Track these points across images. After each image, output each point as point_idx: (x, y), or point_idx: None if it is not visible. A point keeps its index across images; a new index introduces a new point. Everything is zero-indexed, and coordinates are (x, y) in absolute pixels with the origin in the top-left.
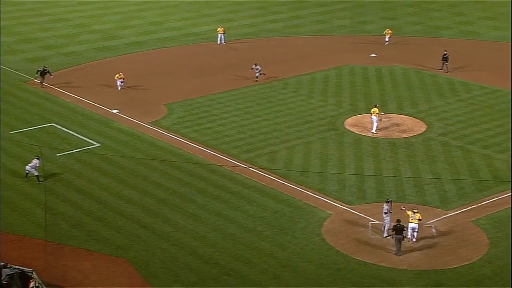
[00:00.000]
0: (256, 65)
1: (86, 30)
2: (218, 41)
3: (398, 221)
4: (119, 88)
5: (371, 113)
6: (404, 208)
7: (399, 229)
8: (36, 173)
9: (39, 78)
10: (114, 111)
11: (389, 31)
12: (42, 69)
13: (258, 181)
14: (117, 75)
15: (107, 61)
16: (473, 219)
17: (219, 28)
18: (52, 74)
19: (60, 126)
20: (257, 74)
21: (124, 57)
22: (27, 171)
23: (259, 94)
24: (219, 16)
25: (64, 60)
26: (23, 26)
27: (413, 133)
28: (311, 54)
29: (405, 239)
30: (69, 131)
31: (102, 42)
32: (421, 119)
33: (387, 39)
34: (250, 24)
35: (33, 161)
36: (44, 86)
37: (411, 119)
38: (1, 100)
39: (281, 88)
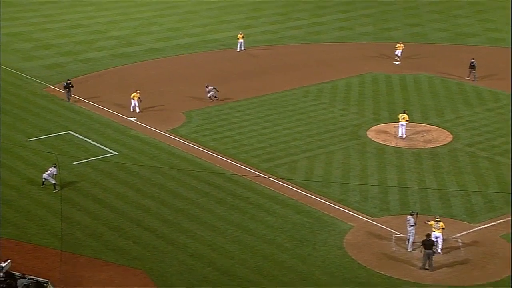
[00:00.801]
0: (208, 87)
1: (104, 36)
2: (238, 48)
3: (428, 235)
4: (132, 110)
5: (398, 118)
6: (428, 222)
7: (429, 244)
8: (53, 182)
9: (66, 93)
10: (132, 119)
11: (401, 45)
12: (66, 83)
13: (278, 192)
14: (134, 93)
15: (124, 68)
16: (502, 234)
17: (238, 35)
18: (73, 86)
19: (77, 133)
20: (209, 95)
21: (142, 63)
22: (43, 180)
23: (279, 102)
24: (238, 23)
25: (81, 66)
26: (41, 32)
27: (438, 143)
28: (333, 61)
29: (435, 253)
30: (86, 139)
31: (119, 49)
32: (447, 128)
33: (398, 54)
34: (270, 30)
35: (50, 169)
36: (71, 101)
37: (437, 128)
38: (1, 103)
39: (302, 96)
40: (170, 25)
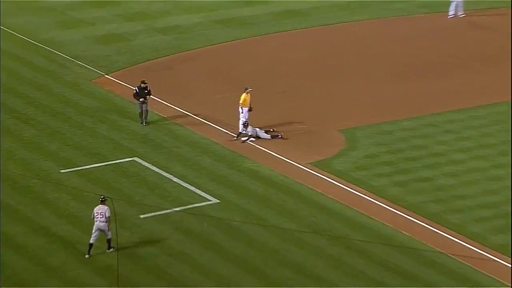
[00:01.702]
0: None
1: None
2: (451, 11)
3: None
4: (243, 125)
5: None
6: None
7: None
8: (108, 236)
9: (138, 105)
10: (248, 139)
11: None
12: (138, 88)
13: None
14: (244, 96)
15: (232, 45)
16: None
17: None
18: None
19: (148, 162)
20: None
21: (263, 38)
22: (91, 244)
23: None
24: None
25: (159, 41)
26: None
27: None
28: None
29: None
30: (163, 173)
31: (225, 11)
32: None
33: None
34: None
35: (98, 211)
36: (146, 122)
37: None
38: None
39: None
40: None
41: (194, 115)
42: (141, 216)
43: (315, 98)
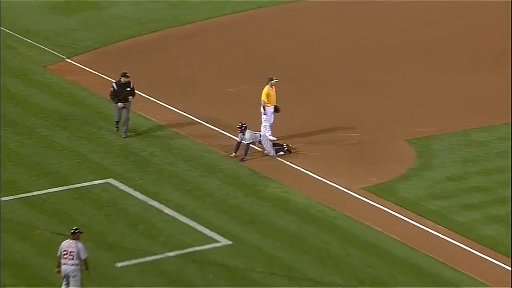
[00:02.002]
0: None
1: None
2: None
3: None
4: (266, 130)
5: None
6: None
7: None
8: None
9: (116, 111)
10: (275, 153)
11: None
12: (117, 84)
13: None
14: (267, 89)
15: (251, 16)
16: None
17: None
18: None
19: (129, 186)
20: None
21: (296, 7)
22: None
23: None
24: None
25: (145, 11)
26: None
27: None
28: None
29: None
30: (150, 201)
31: None
32: None
33: None
34: None
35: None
36: (126, 132)
37: None
38: None
39: None
40: None
41: (196, 117)
42: (118, 265)
43: (371, 92)
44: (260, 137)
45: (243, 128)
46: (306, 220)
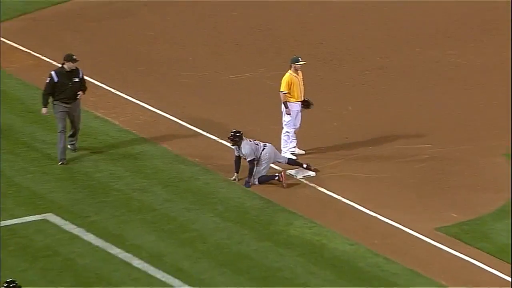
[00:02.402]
0: None
1: None
2: None
3: None
4: (290, 141)
5: None
6: None
7: None
8: None
9: (58, 113)
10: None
11: None
12: (56, 74)
13: None
14: (289, 74)
15: None
16: None
17: None
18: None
19: (76, 225)
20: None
21: None
22: None
23: None
24: None
25: None
26: None
27: None
28: None
29: None
30: (110, 247)
31: None
32: None
33: None
34: None
35: None
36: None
37: None
38: None
39: None
40: None
41: (181, 119)
42: None
43: (449, 83)
44: (275, 154)
45: (235, 138)
46: (350, 277)
